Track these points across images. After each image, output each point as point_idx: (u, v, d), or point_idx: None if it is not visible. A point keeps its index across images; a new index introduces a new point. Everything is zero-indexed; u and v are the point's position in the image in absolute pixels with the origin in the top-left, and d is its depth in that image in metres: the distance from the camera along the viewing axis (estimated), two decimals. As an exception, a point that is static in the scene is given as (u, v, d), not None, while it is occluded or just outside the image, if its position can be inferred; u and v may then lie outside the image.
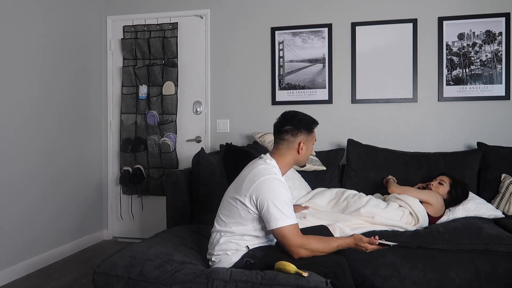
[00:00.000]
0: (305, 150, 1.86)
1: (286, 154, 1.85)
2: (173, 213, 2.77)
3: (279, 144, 1.87)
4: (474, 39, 3.26)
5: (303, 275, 1.59)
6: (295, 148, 1.85)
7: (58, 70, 3.37)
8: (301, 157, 1.88)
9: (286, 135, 1.84)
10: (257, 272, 1.66)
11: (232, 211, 1.79)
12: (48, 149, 3.25)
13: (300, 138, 1.84)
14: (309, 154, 1.92)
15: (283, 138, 1.85)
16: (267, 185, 1.73)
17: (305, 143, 1.85)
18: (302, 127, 1.85)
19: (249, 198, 1.74)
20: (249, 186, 1.75)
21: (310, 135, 1.88)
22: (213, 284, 1.62)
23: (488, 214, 2.65)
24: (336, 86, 3.49)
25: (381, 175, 3.01)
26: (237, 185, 1.82)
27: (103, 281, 1.72)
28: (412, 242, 2.33)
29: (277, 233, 1.71)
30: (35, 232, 3.12)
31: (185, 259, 1.85)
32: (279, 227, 1.69)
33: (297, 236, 1.71)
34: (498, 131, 3.22)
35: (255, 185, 1.73)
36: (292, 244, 1.70)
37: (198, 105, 3.77)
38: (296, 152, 1.85)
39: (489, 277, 2.26)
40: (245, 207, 1.75)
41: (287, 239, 1.70)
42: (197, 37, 3.76)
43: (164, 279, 1.67)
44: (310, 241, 1.73)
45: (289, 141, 1.84)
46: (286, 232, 1.70)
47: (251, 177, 1.77)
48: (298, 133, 1.84)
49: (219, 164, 2.93)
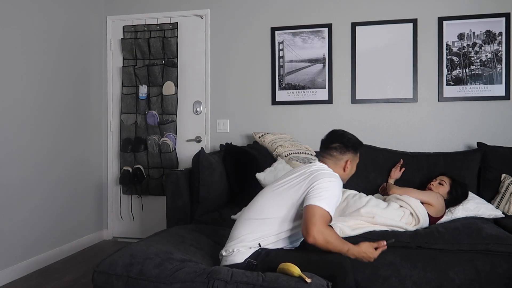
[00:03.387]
0: (350, 169, 1.97)
1: (333, 169, 1.92)
2: (173, 213, 2.77)
3: (326, 159, 1.96)
4: (474, 39, 3.26)
5: (306, 280, 1.56)
6: (341, 165, 1.95)
7: (58, 70, 3.37)
8: (345, 175, 1.97)
9: (335, 152, 1.95)
10: (258, 273, 1.66)
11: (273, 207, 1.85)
12: (48, 149, 3.25)
13: (347, 156, 1.95)
14: (352, 174, 2.02)
15: (331, 154, 1.95)
16: (327, 174, 1.83)
17: (351, 162, 1.96)
18: (350, 146, 1.96)
19: (307, 185, 1.80)
20: (309, 175, 1.83)
21: (356, 155, 1.99)
22: (214, 284, 1.62)
23: (488, 214, 2.65)
24: (336, 86, 3.49)
25: (381, 175, 3.01)
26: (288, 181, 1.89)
27: (103, 280, 1.72)
28: (412, 242, 2.33)
29: (310, 209, 1.73)
30: (35, 232, 3.12)
31: (185, 257, 1.84)
32: (316, 204, 1.72)
33: (324, 222, 1.73)
34: (498, 131, 3.22)
35: (318, 173, 1.83)
36: (317, 225, 1.70)
37: (198, 105, 3.77)
38: (342, 170, 1.95)
39: (489, 277, 2.26)
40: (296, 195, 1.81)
41: (315, 219, 1.70)
42: (197, 37, 3.76)
43: (164, 277, 1.67)
44: (331, 233, 1.75)
45: (337, 158, 1.94)
46: (318, 213, 1.71)
47: (314, 170, 1.86)
48: (346, 151, 1.95)
49: (219, 164, 2.93)
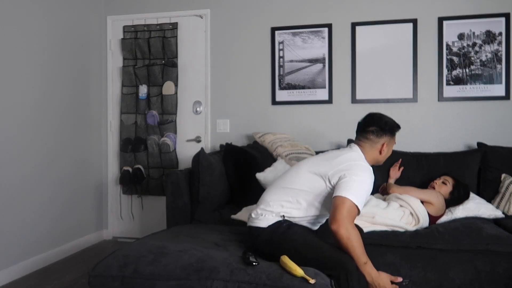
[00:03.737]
0: (386, 152, 1.99)
1: (369, 152, 1.96)
2: (173, 213, 2.77)
3: (363, 142, 1.98)
4: (474, 39, 3.26)
5: (310, 282, 1.54)
6: (378, 148, 1.97)
7: (58, 70, 3.37)
8: (382, 157, 2.00)
9: (371, 135, 1.96)
10: (261, 271, 1.63)
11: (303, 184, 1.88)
12: (48, 149, 3.25)
13: (384, 139, 1.97)
14: (388, 156, 2.03)
15: (368, 138, 1.97)
16: (360, 168, 1.84)
17: (388, 145, 1.98)
18: (387, 129, 1.98)
19: (337, 171, 1.82)
20: (340, 163, 1.85)
21: (392, 138, 2.01)
22: (213, 284, 1.61)
23: (488, 214, 2.65)
24: (336, 86, 3.49)
25: (381, 175, 3.01)
26: (322, 159, 1.94)
27: (99, 283, 1.71)
28: (412, 242, 2.33)
29: (339, 200, 1.73)
30: (35, 232, 3.12)
31: (179, 248, 1.83)
32: (346, 196, 1.72)
33: (351, 217, 1.73)
34: (498, 131, 3.22)
35: (349, 164, 1.84)
36: (342, 215, 1.70)
37: (198, 105, 3.77)
38: (378, 152, 1.97)
39: (489, 277, 2.26)
40: (325, 180, 1.84)
41: (343, 210, 1.71)
42: (197, 37, 3.76)
43: (158, 274, 1.67)
44: (355, 232, 1.73)
45: (373, 141, 1.96)
46: (347, 205, 1.72)
47: (345, 157, 1.89)
48: (383, 134, 1.97)
49: (219, 164, 2.93)
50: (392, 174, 2.98)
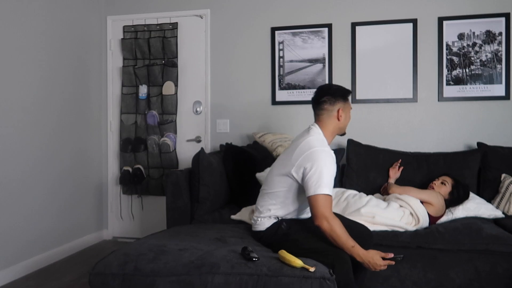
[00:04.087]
0: (344, 117, 2.05)
1: (328, 122, 2.03)
2: (173, 213, 2.77)
3: (320, 115, 2.05)
4: (474, 39, 3.26)
5: (310, 270, 1.60)
6: (335, 116, 2.03)
7: (58, 70, 3.37)
8: (342, 124, 2.06)
9: (325, 105, 2.03)
10: (262, 264, 1.66)
11: (276, 186, 2.00)
12: (48, 149, 3.25)
13: (338, 105, 2.03)
14: (348, 121, 2.10)
15: (323, 108, 2.03)
16: (315, 155, 1.89)
17: (343, 110, 2.04)
18: (338, 95, 2.04)
19: (297, 167, 1.91)
20: (298, 157, 1.92)
21: (346, 102, 2.07)
22: (214, 279, 1.61)
23: (488, 214, 2.65)
24: (336, 86, 3.49)
25: (381, 175, 3.01)
26: (285, 159, 2.01)
27: (99, 282, 1.72)
28: (412, 242, 2.34)
29: (311, 200, 1.85)
30: (35, 232, 3.12)
31: (179, 247, 1.84)
32: (315, 193, 1.83)
33: (326, 207, 1.83)
34: (498, 131, 3.22)
35: (305, 155, 1.91)
36: (320, 211, 1.82)
37: (198, 105, 3.77)
38: (336, 120, 2.03)
39: (489, 277, 2.26)
40: (292, 178, 1.93)
41: (317, 207, 1.83)
42: (197, 37, 3.76)
43: (158, 271, 1.67)
44: (337, 222, 1.82)
45: (329, 110, 2.02)
46: (320, 200, 1.83)
47: (301, 148, 1.94)
48: (335, 101, 2.03)
49: (219, 164, 2.93)
50: (392, 174, 2.98)
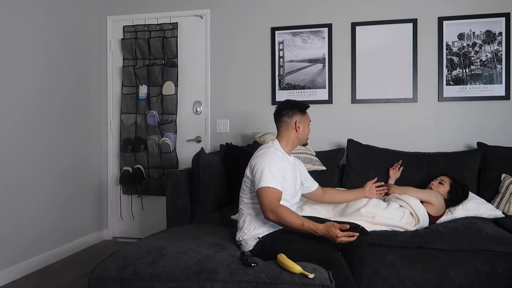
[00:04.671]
0: (303, 128, 2.19)
1: (286, 133, 2.17)
2: (173, 213, 2.77)
3: (279, 127, 2.20)
4: (474, 39, 3.26)
5: (309, 276, 1.57)
6: (293, 127, 2.16)
7: (58, 70, 3.37)
8: (301, 134, 2.19)
9: (284, 118, 2.18)
10: (260, 270, 1.64)
11: (244, 191, 2.11)
12: (48, 150, 3.25)
13: (295, 118, 2.17)
14: (307, 132, 2.24)
15: (282, 121, 2.19)
16: (263, 155, 2.05)
17: (301, 122, 2.18)
18: (295, 108, 2.19)
19: (249, 168, 2.06)
20: (250, 160, 2.09)
21: (303, 115, 2.21)
22: (213, 285, 1.60)
23: (488, 214, 2.65)
24: (336, 86, 3.49)
25: (381, 175, 3.01)
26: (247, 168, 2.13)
27: (98, 285, 1.71)
28: (412, 242, 2.33)
29: (257, 194, 1.96)
30: (35, 232, 3.12)
31: (178, 249, 1.83)
32: (259, 187, 1.95)
33: (271, 199, 1.92)
34: (498, 131, 3.22)
35: (254, 156, 2.08)
36: (265, 204, 1.92)
37: (198, 105, 3.77)
38: (294, 131, 2.16)
39: (489, 277, 2.26)
40: (249, 179, 2.06)
41: (262, 199, 1.93)
42: (197, 37, 3.76)
43: (157, 276, 1.66)
44: (281, 209, 1.91)
45: (287, 122, 2.17)
46: (263, 193, 1.93)
47: (257, 153, 2.10)
48: (293, 114, 2.17)
49: (219, 164, 2.94)
50: (392, 174, 2.98)
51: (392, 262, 2.35)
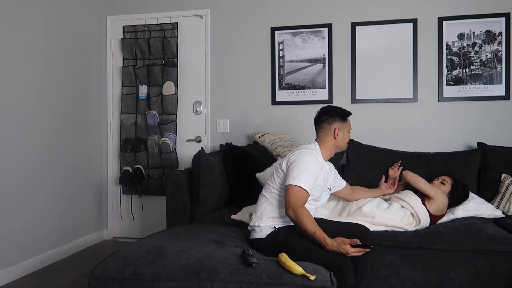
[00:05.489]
0: (341, 136, 2.16)
1: (325, 140, 2.16)
2: (173, 213, 2.77)
3: (319, 132, 2.20)
4: (474, 39, 3.26)
5: (310, 278, 1.57)
6: (331, 134, 2.15)
7: (58, 70, 3.37)
8: (339, 142, 2.17)
9: (324, 124, 2.17)
10: (261, 271, 1.63)
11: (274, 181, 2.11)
12: (48, 150, 3.25)
13: (335, 125, 2.15)
14: (347, 140, 2.22)
15: (321, 127, 2.18)
16: (305, 154, 2.06)
17: (340, 129, 2.16)
18: (336, 115, 2.17)
19: (286, 161, 2.07)
20: (289, 155, 2.10)
21: (344, 122, 2.19)
22: (213, 285, 1.60)
23: (488, 214, 2.64)
24: (336, 86, 3.49)
25: (381, 175, 3.01)
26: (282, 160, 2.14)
27: (98, 286, 1.70)
28: (412, 242, 2.33)
29: (286, 189, 1.98)
30: (35, 232, 3.12)
31: (178, 248, 1.83)
32: (291, 183, 1.96)
33: (298, 198, 1.94)
34: (498, 131, 3.22)
35: (294, 153, 2.08)
36: (290, 201, 1.94)
37: (198, 105, 3.77)
38: (333, 138, 2.15)
39: (489, 277, 2.26)
40: (282, 172, 2.07)
41: (289, 195, 1.95)
42: (197, 37, 3.76)
43: (157, 275, 1.66)
44: (303, 211, 1.92)
45: (326, 129, 2.16)
46: (293, 190, 1.95)
47: (298, 150, 2.11)
48: (333, 121, 2.16)
49: (219, 164, 2.93)
50: (392, 175, 2.97)
51: (392, 262, 2.35)
